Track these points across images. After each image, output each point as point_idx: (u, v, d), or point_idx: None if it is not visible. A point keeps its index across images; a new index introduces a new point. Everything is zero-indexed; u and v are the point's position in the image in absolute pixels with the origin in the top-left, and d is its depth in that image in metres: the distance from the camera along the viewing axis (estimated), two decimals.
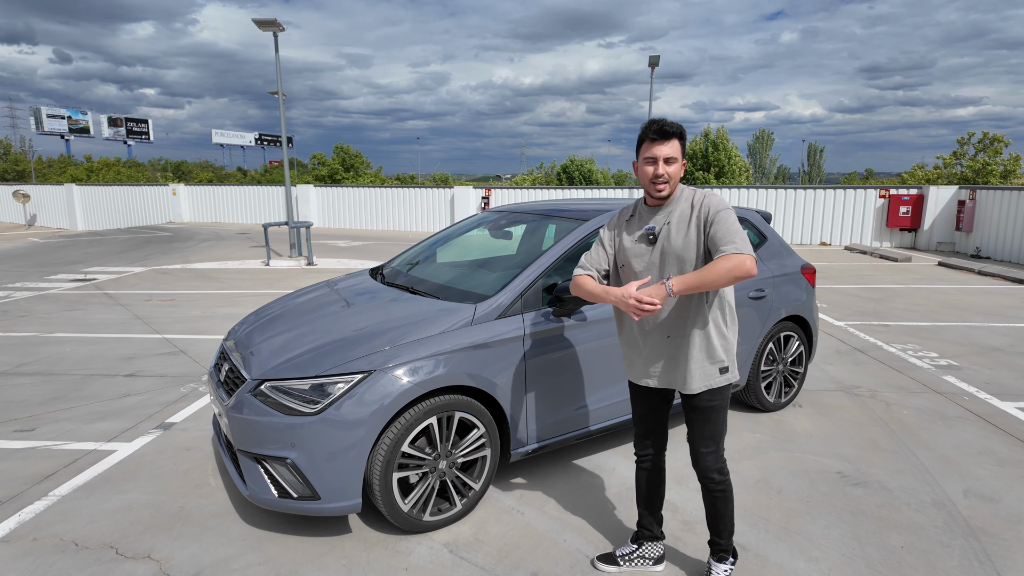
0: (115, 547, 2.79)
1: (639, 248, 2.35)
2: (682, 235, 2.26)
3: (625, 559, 2.63)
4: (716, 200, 2.27)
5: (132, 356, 5.76)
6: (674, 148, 2.23)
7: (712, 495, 2.44)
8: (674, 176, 2.26)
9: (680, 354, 2.31)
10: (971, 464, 3.62)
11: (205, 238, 17.16)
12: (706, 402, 2.34)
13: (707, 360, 2.30)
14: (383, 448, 2.68)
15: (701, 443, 2.39)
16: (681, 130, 2.24)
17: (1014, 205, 13.02)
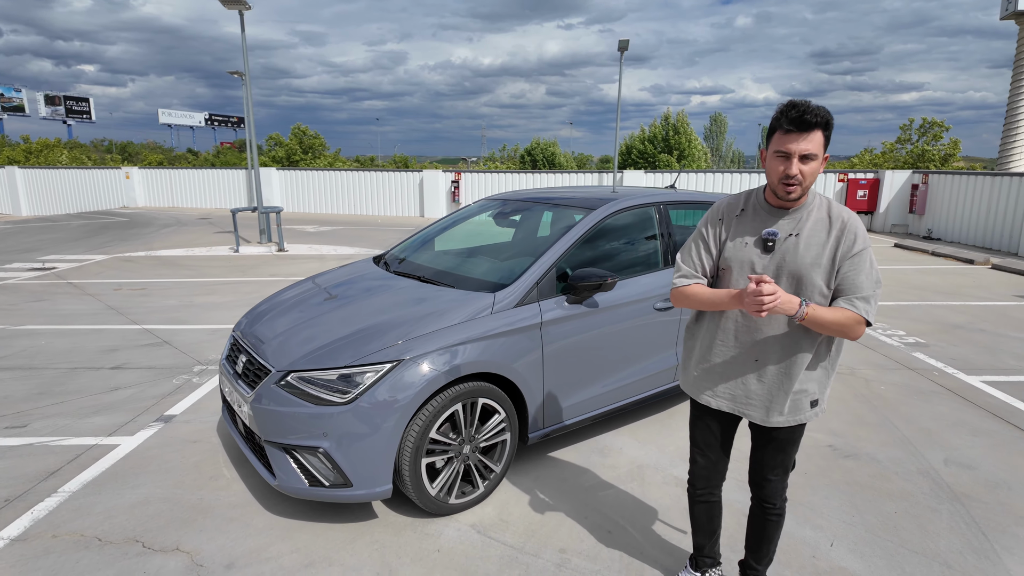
0: (140, 541, 2.78)
1: (749, 254, 1.98)
2: (813, 252, 1.91)
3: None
4: (861, 229, 1.93)
5: (114, 348, 5.61)
6: (815, 143, 1.82)
7: (767, 519, 2.23)
8: (809, 176, 1.86)
9: (768, 384, 2.02)
10: (949, 435, 3.90)
11: (165, 224, 16.59)
12: (787, 434, 2.10)
13: (801, 394, 2.02)
14: (412, 434, 2.73)
15: (771, 471, 2.16)
16: (827, 119, 1.82)
17: (963, 189, 13.71)
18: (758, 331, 1.99)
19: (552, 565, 2.63)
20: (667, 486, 3.28)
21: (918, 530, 2.90)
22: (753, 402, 2.06)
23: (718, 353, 2.08)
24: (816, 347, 1.99)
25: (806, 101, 1.81)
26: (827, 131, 1.84)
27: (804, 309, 1.83)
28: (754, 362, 2.02)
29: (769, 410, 2.04)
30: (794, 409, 2.03)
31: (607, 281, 3.15)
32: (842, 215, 1.94)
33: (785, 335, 1.97)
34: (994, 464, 3.53)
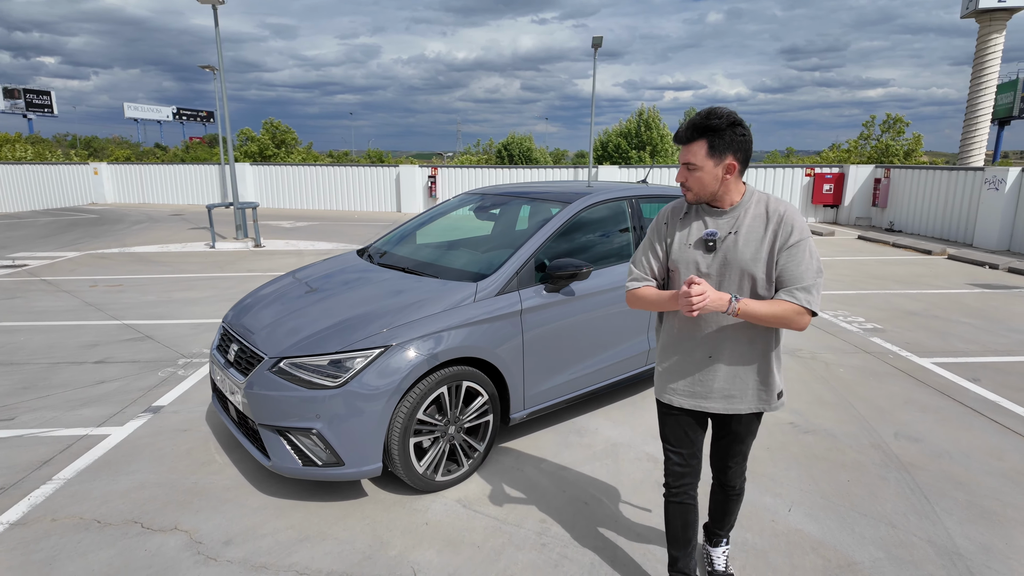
0: (139, 522, 2.90)
1: (694, 254, 2.03)
2: (752, 247, 1.95)
3: None
4: (799, 221, 1.96)
5: (94, 343, 5.64)
6: (694, 153, 1.92)
7: (728, 497, 2.37)
8: (696, 184, 1.96)
9: (724, 378, 2.07)
10: (899, 412, 4.19)
11: (137, 220, 16.37)
12: (746, 427, 2.18)
13: (763, 384, 2.08)
14: (401, 415, 2.89)
15: (731, 459, 2.27)
16: (711, 126, 1.88)
17: (922, 183, 14.26)
18: (708, 328, 2.04)
19: (533, 534, 2.82)
20: (639, 462, 3.49)
21: (868, 496, 3.16)
22: (713, 396, 2.10)
23: (675, 351, 2.13)
24: (767, 339, 2.04)
25: (703, 112, 1.90)
26: (713, 137, 1.88)
27: (735, 305, 1.86)
28: (708, 358, 2.06)
29: (731, 401, 2.08)
30: (759, 402, 2.09)
31: (582, 271, 3.35)
32: (779, 209, 1.97)
33: (734, 329, 2.02)
34: (939, 437, 3.82)
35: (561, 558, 2.66)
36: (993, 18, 21.09)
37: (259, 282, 8.45)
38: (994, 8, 20.57)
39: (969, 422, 4.03)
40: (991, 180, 11.83)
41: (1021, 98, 32.76)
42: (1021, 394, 4.49)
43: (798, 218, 1.97)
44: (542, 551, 2.70)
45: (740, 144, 1.91)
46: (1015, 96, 33.00)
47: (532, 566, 2.60)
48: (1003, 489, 3.22)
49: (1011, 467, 3.45)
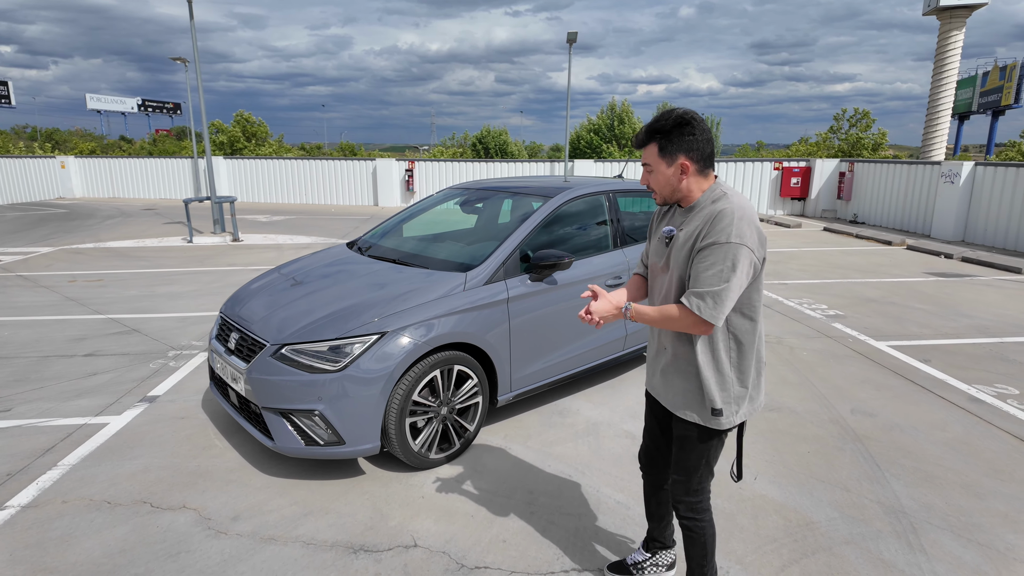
0: (148, 502, 3.05)
1: (659, 247, 2.07)
2: (687, 246, 1.92)
3: (638, 567, 2.50)
4: (725, 222, 1.83)
5: (81, 337, 5.70)
6: (647, 155, 1.94)
7: (683, 531, 2.17)
8: (656, 185, 1.98)
9: (666, 370, 2.08)
10: (856, 390, 4.53)
11: (108, 215, 16.14)
12: (682, 430, 2.07)
13: (696, 392, 1.99)
14: (398, 397, 3.10)
15: (674, 468, 2.15)
16: (661, 127, 1.89)
17: (884, 176, 14.84)
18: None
19: (523, 503, 3.06)
20: (618, 438, 3.75)
21: (825, 464, 3.46)
22: (658, 387, 2.14)
23: (649, 341, 2.24)
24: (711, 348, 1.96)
25: (663, 112, 1.91)
26: (661, 140, 1.89)
27: (628, 312, 1.97)
28: (663, 349, 2.09)
29: (668, 399, 2.09)
30: (688, 406, 2.01)
31: (564, 261, 3.58)
32: (715, 208, 1.88)
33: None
34: (891, 412, 4.16)
35: (549, 524, 2.90)
36: (953, 15, 21.84)
37: (241, 276, 8.52)
38: (954, 6, 21.32)
39: (918, 398, 4.38)
40: (947, 174, 12.39)
41: (980, 94, 34.01)
42: (966, 372, 4.87)
43: (727, 220, 1.83)
44: (531, 519, 2.94)
45: (690, 144, 1.87)
46: (974, 92, 34.23)
47: (522, 531, 2.84)
48: (945, 456, 3.55)
49: (953, 437, 3.80)
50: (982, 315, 6.63)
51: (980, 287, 8.12)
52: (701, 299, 1.83)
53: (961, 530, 2.87)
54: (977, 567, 2.61)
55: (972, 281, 8.51)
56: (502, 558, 2.66)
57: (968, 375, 4.82)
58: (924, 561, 2.65)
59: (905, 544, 2.76)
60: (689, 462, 2.08)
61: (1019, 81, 31.06)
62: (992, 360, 5.18)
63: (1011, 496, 3.16)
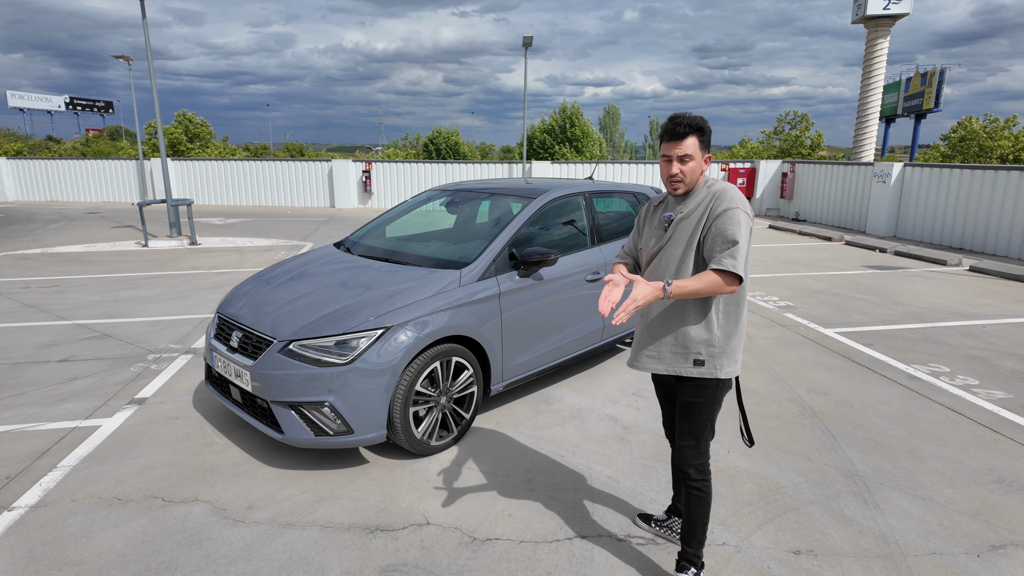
0: (159, 496, 3.14)
1: (656, 233, 2.34)
2: (692, 223, 2.22)
3: (657, 524, 2.85)
4: (731, 194, 2.19)
5: (52, 343, 5.60)
6: (689, 146, 2.19)
7: (687, 492, 2.40)
8: (689, 174, 2.22)
9: (652, 335, 2.33)
10: (810, 372, 4.97)
11: (50, 219, 15.47)
12: (688, 397, 2.31)
13: (679, 346, 2.26)
14: (402, 388, 3.28)
15: (680, 436, 2.38)
16: (698, 125, 2.18)
17: (823, 177, 15.77)
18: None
19: (521, 482, 3.30)
20: (602, 422, 4.04)
21: (788, 438, 3.84)
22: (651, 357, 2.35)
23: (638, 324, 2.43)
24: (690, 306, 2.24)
25: (682, 114, 2.20)
26: (701, 135, 2.19)
27: (668, 289, 2.05)
28: (655, 319, 2.33)
29: (657, 360, 2.32)
30: (675, 361, 2.28)
31: (551, 257, 3.84)
32: (717, 188, 2.23)
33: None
34: (843, 390, 4.60)
35: (549, 499, 3.15)
36: (879, 24, 23.31)
37: (207, 280, 8.44)
38: (880, 15, 22.76)
39: (865, 378, 4.85)
40: (879, 174, 13.32)
41: (904, 98, 36.26)
42: (904, 354, 5.39)
43: (732, 194, 2.20)
44: (531, 495, 3.18)
45: (709, 143, 2.27)
46: (899, 96, 36.46)
47: (525, 506, 3.08)
48: (890, 427, 3.99)
49: (896, 410, 4.25)
50: (915, 303, 7.27)
51: (911, 278, 8.85)
52: (732, 257, 2.08)
53: (907, 488, 3.27)
54: (922, 517, 3.01)
55: (904, 273, 9.25)
56: (510, 530, 2.89)
57: (906, 356, 5.34)
58: (879, 515, 3.03)
59: (861, 502, 3.14)
60: (695, 425, 2.34)
61: (938, 87, 33.34)
62: (926, 343, 5.74)
63: (946, 458, 3.60)
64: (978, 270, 9.32)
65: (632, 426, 3.97)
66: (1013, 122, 28.91)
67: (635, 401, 4.35)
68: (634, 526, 2.93)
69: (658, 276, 2.32)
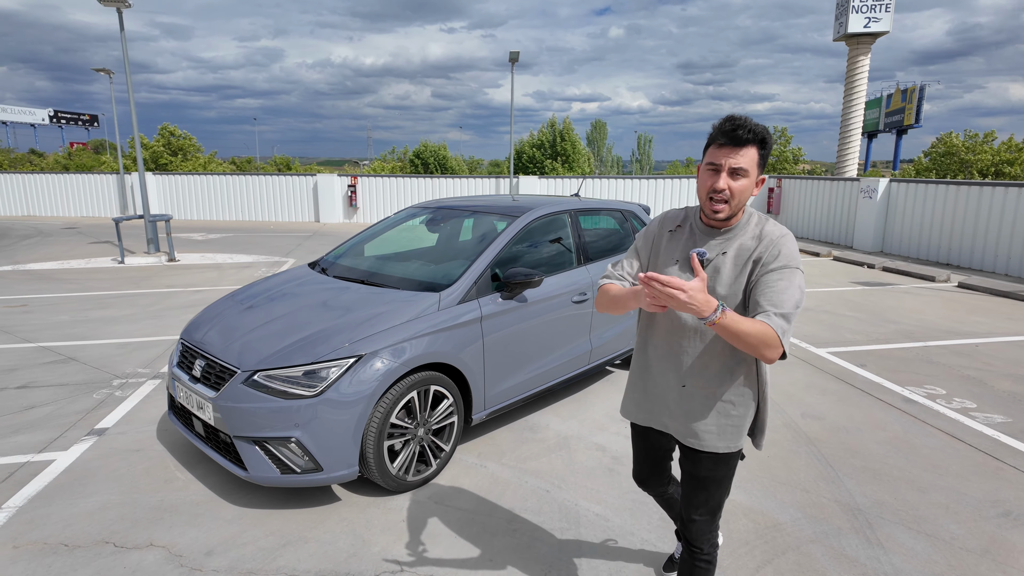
0: (110, 541, 2.89)
1: (682, 268, 1.88)
2: (735, 273, 1.80)
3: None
4: (789, 246, 1.77)
5: (12, 368, 5.32)
6: (747, 159, 1.72)
7: (694, 564, 2.08)
8: (739, 194, 1.75)
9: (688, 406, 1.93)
10: (803, 395, 4.81)
11: (25, 235, 15.08)
12: (707, 471, 1.96)
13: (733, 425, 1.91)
14: (376, 420, 3.07)
15: (693, 510, 2.03)
16: (762, 136, 1.72)
17: (809, 192, 15.79)
18: (682, 353, 1.91)
19: (504, 522, 3.09)
20: (589, 451, 3.84)
21: (784, 467, 3.66)
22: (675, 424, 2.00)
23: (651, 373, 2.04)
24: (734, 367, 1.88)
25: (744, 116, 1.72)
26: (763, 149, 1.74)
27: (719, 313, 1.59)
28: (682, 388, 1.94)
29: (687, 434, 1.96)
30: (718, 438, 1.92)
31: (535, 279, 3.66)
32: (772, 232, 1.80)
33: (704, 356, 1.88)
34: (837, 415, 4.44)
35: (533, 540, 2.94)
36: (860, 42, 23.60)
37: (182, 299, 8.17)
38: (861, 33, 23.07)
39: (859, 401, 4.70)
40: (866, 189, 13.34)
41: (885, 114, 36.84)
42: (898, 375, 5.26)
43: (789, 244, 1.78)
44: (514, 536, 2.97)
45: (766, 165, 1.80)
46: (880, 112, 37.05)
47: (508, 549, 2.86)
48: (888, 455, 3.83)
49: (893, 436, 4.09)
50: (906, 321, 7.16)
51: (900, 295, 8.77)
52: (785, 319, 1.66)
53: (910, 523, 3.10)
54: (928, 557, 2.83)
55: (893, 289, 9.18)
56: None
57: (900, 377, 5.21)
58: (882, 555, 2.85)
59: (864, 540, 2.96)
60: (713, 500, 2.02)
61: (918, 103, 33.91)
62: (919, 363, 5.61)
63: (948, 489, 3.44)
64: (967, 286, 9.27)
65: (621, 456, 3.78)
66: (992, 137, 29.39)
67: (624, 428, 4.16)
68: (624, 573, 2.72)
69: (682, 327, 1.91)
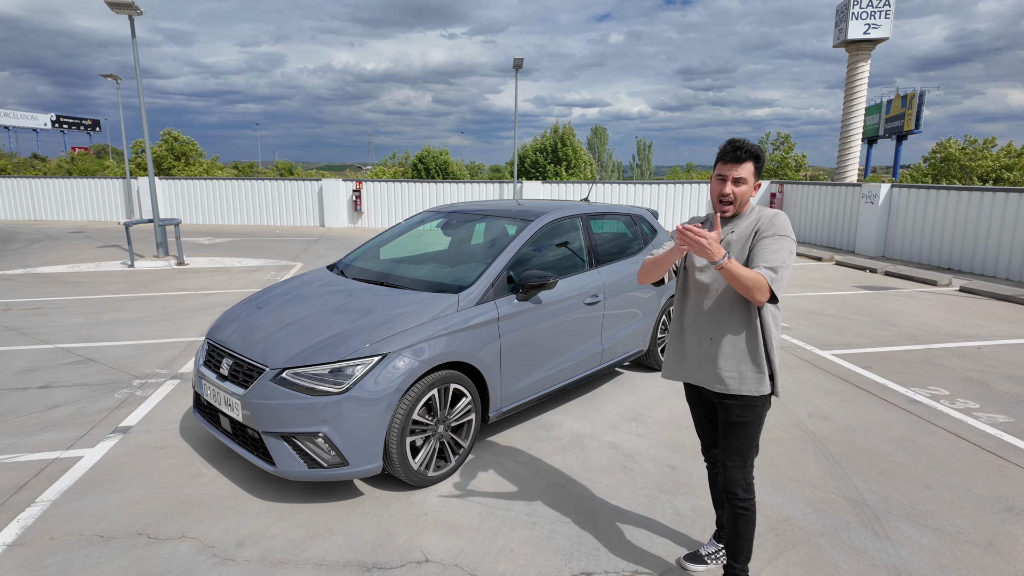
0: (144, 533, 2.99)
1: None
2: (740, 246, 2.33)
3: (711, 557, 2.75)
4: (780, 221, 2.31)
5: (32, 368, 5.42)
6: (746, 170, 2.29)
7: (734, 512, 2.45)
8: (740, 196, 2.32)
9: (715, 354, 2.36)
10: (810, 396, 4.91)
11: (34, 239, 15.21)
12: (735, 416, 2.38)
13: (747, 369, 2.33)
14: (399, 417, 3.17)
15: (727, 457, 2.42)
16: (758, 152, 2.29)
17: (811, 197, 15.92)
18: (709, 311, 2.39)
19: (523, 515, 3.18)
20: (603, 449, 3.94)
21: (792, 465, 3.76)
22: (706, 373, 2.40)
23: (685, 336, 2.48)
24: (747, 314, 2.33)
25: (743, 140, 2.31)
26: (758, 163, 2.30)
27: (725, 259, 2.11)
28: (709, 340, 2.39)
29: (714, 379, 2.37)
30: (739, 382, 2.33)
31: (551, 281, 3.77)
32: (765, 212, 2.35)
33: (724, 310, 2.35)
34: (844, 414, 4.54)
35: (552, 533, 3.04)
36: (860, 48, 23.82)
37: (193, 301, 8.28)
38: (860, 39, 23.27)
39: (865, 401, 4.80)
40: (867, 195, 13.46)
41: (885, 120, 37.02)
42: (902, 377, 5.36)
43: (780, 220, 2.32)
44: (533, 529, 3.07)
45: (762, 173, 2.38)
46: (880, 118, 37.23)
47: (528, 541, 2.96)
48: (894, 453, 3.93)
49: (899, 435, 4.19)
50: (909, 324, 7.27)
51: (903, 299, 8.88)
52: (774, 271, 2.19)
53: (917, 517, 3.20)
54: (934, 549, 2.93)
55: (896, 293, 9.29)
56: (513, 567, 2.77)
57: (904, 379, 5.31)
58: (890, 547, 2.95)
59: (872, 533, 3.06)
60: (743, 445, 2.41)
61: (918, 109, 34.08)
62: (923, 365, 5.71)
63: (953, 485, 3.53)
64: (968, 290, 9.38)
65: (634, 454, 3.88)
66: (992, 143, 29.52)
67: (636, 427, 4.26)
68: (641, 563, 2.82)
69: (707, 291, 2.40)
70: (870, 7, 22.94)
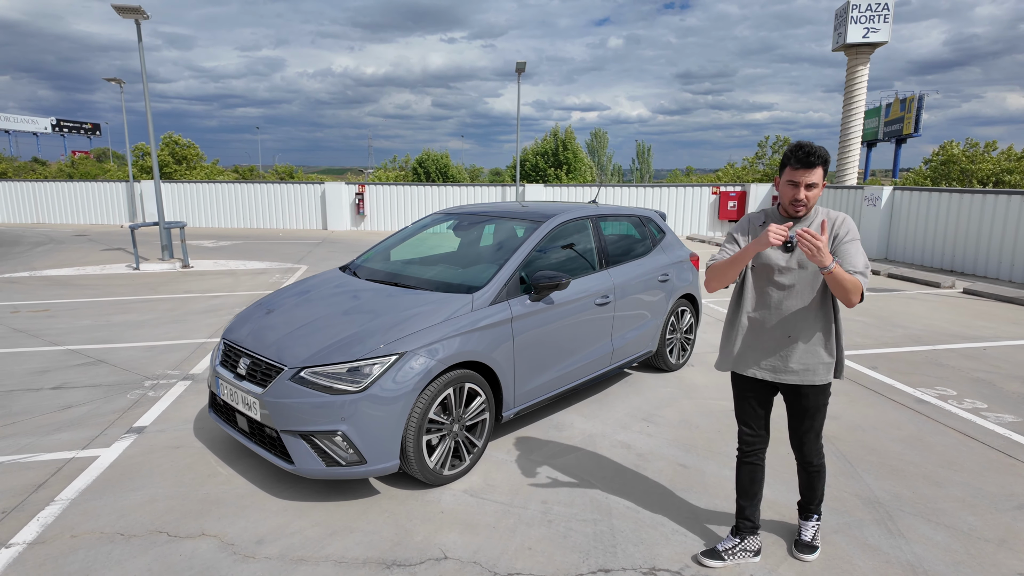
0: (164, 531, 3.02)
1: (774, 253, 2.55)
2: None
3: (728, 553, 2.80)
4: (852, 225, 2.51)
5: (44, 370, 5.45)
6: (817, 175, 2.39)
7: (809, 474, 2.82)
8: (812, 199, 2.45)
9: (795, 351, 2.56)
10: None
11: (38, 242, 15.25)
12: (813, 401, 2.66)
13: (826, 361, 2.57)
14: (416, 415, 3.20)
15: (804, 435, 2.74)
16: (825, 157, 2.37)
17: None
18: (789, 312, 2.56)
19: (539, 513, 3.21)
20: (615, 448, 3.97)
21: None
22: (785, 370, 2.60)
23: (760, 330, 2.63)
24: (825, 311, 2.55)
25: (813, 145, 2.37)
26: (826, 167, 2.40)
27: (833, 265, 2.28)
28: (787, 338, 2.57)
29: (798, 374, 2.58)
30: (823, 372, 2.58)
31: (563, 281, 3.80)
32: (837, 216, 2.52)
33: (803, 309, 2.54)
34: (852, 414, 4.57)
35: (568, 530, 3.06)
36: (859, 52, 23.86)
37: (200, 303, 8.31)
38: (860, 43, 23.34)
39: (873, 401, 4.83)
40: (869, 197, 13.51)
41: (884, 123, 37.13)
42: (910, 377, 5.39)
43: (850, 223, 2.51)
44: (550, 526, 3.10)
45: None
46: (879, 121, 37.34)
47: (545, 539, 2.99)
48: (904, 452, 3.96)
49: (908, 434, 4.22)
50: (913, 326, 7.30)
51: (907, 300, 8.91)
52: (863, 275, 2.39)
53: (929, 515, 3.23)
54: (948, 546, 2.96)
55: (899, 295, 9.32)
56: (531, 564, 2.80)
57: (912, 379, 5.34)
58: (904, 544, 2.97)
59: (885, 530, 3.09)
60: (818, 423, 2.74)
61: (917, 112, 34.20)
62: (929, 365, 5.74)
63: (964, 484, 3.56)
64: (972, 292, 9.42)
65: (646, 453, 3.91)
66: (993, 147, 29.61)
67: (647, 427, 4.29)
68: (658, 560, 2.85)
69: (788, 291, 2.57)
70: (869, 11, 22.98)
